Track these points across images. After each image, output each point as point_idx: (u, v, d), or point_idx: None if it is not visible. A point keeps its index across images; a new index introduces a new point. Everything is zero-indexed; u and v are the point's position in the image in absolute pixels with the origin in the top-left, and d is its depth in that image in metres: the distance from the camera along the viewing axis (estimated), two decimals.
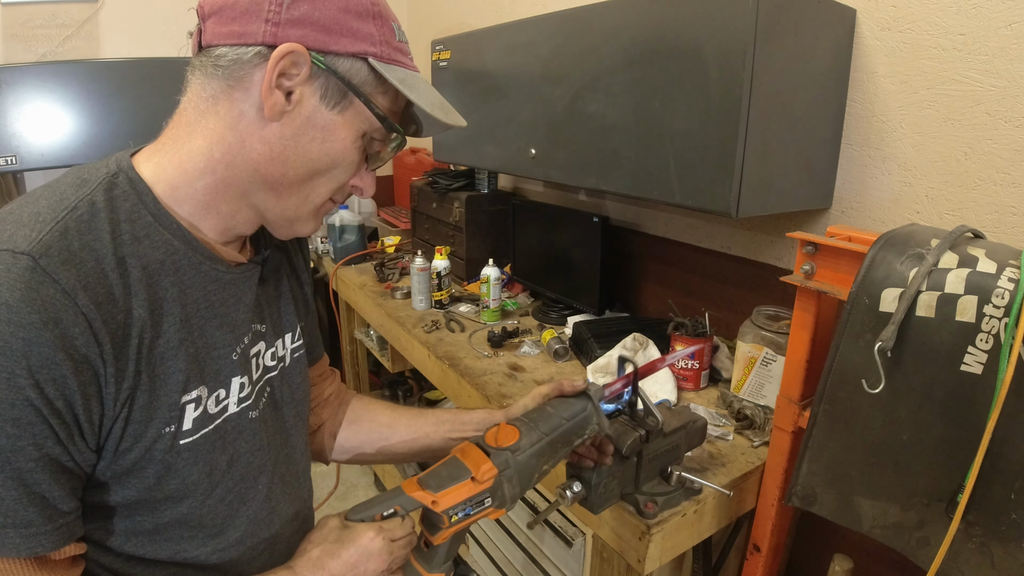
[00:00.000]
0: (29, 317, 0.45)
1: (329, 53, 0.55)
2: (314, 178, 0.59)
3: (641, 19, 1.16)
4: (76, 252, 0.49)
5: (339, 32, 0.54)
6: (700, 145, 1.09)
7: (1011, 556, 0.72)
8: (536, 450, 0.75)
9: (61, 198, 0.52)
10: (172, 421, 0.56)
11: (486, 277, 1.81)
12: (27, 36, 2.29)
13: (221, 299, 0.62)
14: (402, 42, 0.60)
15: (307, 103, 0.56)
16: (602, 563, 1.13)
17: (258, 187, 0.58)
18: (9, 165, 2.10)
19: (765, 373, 1.25)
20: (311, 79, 0.55)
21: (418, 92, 0.59)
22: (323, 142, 0.57)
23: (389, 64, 0.58)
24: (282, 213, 0.61)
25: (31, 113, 2.10)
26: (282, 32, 0.53)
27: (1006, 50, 1.00)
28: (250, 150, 0.56)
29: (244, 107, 0.55)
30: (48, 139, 2.14)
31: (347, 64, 0.56)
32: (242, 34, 0.53)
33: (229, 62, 0.54)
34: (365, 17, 0.56)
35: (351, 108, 0.57)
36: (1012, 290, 0.68)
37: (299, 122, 0.56)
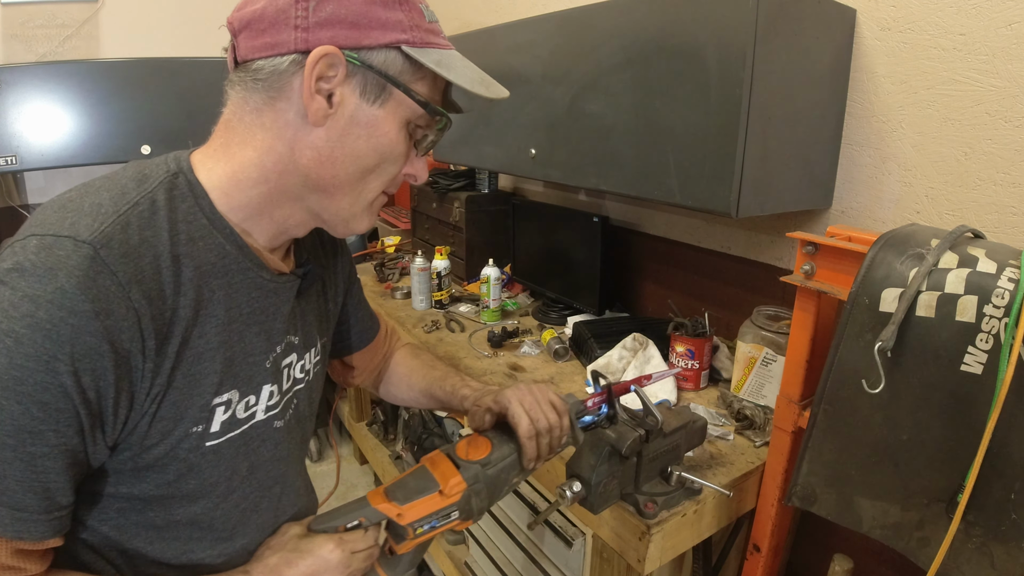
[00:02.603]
0: (83, 305, 0.46)
1: (362, 48, 0.54)
2: (365, 175, 0.60)
3: (641, 19, 1.16)
4: (135, 247, 0.50)
5: (368, 25, 0.54)
6: (700, 145, 1.09)
7: (1011, 556, 0.72)
8: (507, 464, 0.74)
9: (123, 192, 0.53)
10: (201, 421, 0.57)
11: (486, 277, 1.81)
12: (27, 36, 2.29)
13: (262, 306, 0.62)
14: (433, 22, 0.59)
15: (348, 102, 0.56)
16: (602, 563, 1.13)
17: (311, 191, 0.59)
18: (9, 165, 2.10)
19: (765, 373, 1.25)
20: (348, 78, 0.55)
21: (456, 71, 0.58)
22: (369, 138, 0.57)
23: (423, 48, 0.57)
24: (337, 213, 0.61)
25: (31, 113, 2.10)
26: (313, 36, 0.53)
27: (1006, 50, 1.00)
28: (300, 157, 0.57)
29: (289, 116, 0.56)
30: (48, 139, 2.14)
31: (381, 56, 0.55)
32: (275, 45, 0.54)
33: (267, 74, 0.55)
34: (391, 5, 0.55)
35: (392, 99, 0.57)
36: (1012, 290, 0.68)
37: (343, 123, 0.56)
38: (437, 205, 2.23)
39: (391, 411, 2.49)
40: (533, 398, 0.78)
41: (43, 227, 0.48)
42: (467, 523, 0.73)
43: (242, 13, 0.56)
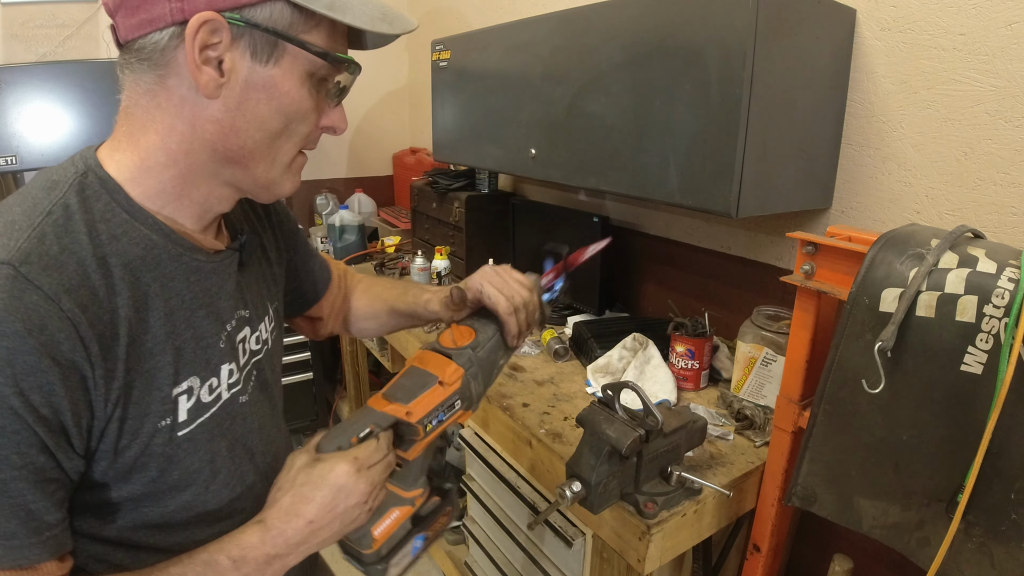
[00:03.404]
0: (13, 326, 0.44)
1: (243, 6, 0.50)
2: (275, 140, 0.57)
3: (641, 19, 1.16)
4: (56, 256, 0.48)
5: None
6: (700, 145, 1.09)
7: (1011, 556, 0.72)
8: (494, 344, 0.75)
9: (34, 204, 0.51)
10: (167, 414, 0.56)
11: None
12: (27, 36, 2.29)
13: (204, 289, 0.61)
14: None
15: (240, 67, 0.52)
16: (602, 563, 1.13)
17: (222, 164, 0.57)
18: (9, 165, 2.10)
19: (765, 373, 1.25)
20: (235, 41, 0.51)
21: (352, 11, 0.53)
22: (270, 101, 0.54)
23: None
24: (255, 182, 0.59)
25: (31, 113, 2.10)
26: (188, 4, 0.49)
27: (1006, 50, 1.00)
28: (202, 132, 0.54)
29: (182, 92, 0.52)
30: (48, 139, 2.14)
31: (266, 11, 0.51)
32: (151, 20, 0.50)
33: (149, 52, 0.51)
34: None
35: (286, 56, 0.53)
36: (1012, 290, 0.68)
37: (239, 89, 0.53)
38: (437, 205, 2.23)
39: None
40: (501, 278, 0.79)
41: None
42: (468, 414, 0.73)
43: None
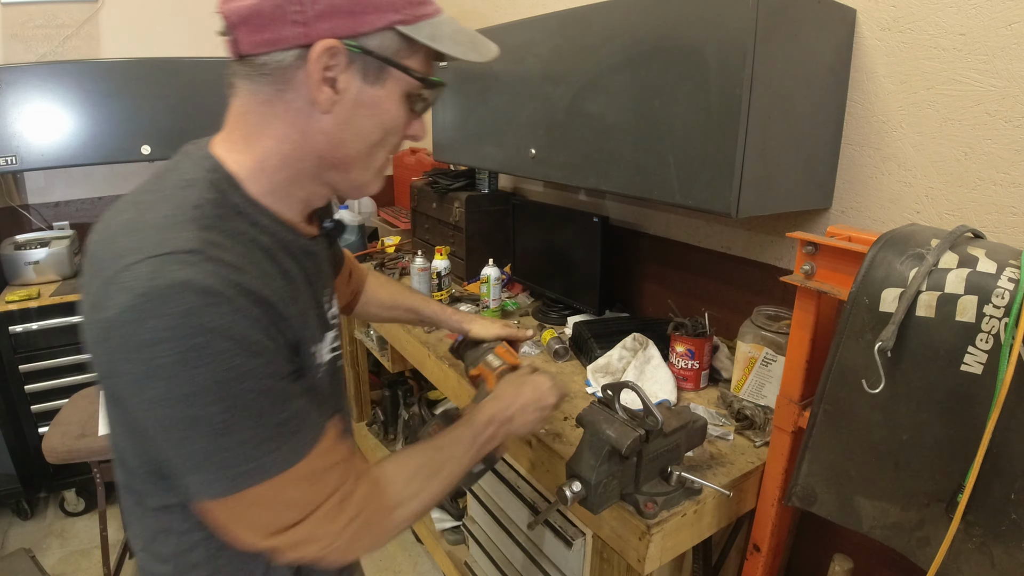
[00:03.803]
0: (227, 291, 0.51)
1: (360, 35, 0.57)
2: (373, 149, 0.65)
3: (641, 19, 1.16)
4: (223, 241, 0.55)
5: (363, 11, 0.57)
6: (700, 145, 1.09)
7: (1011, 556, 0.72)
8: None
9: (181, 201, 0.56)
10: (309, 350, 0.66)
11: (486, 277, 1.81)
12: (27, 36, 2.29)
13: (313, 268, 0.69)
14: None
15: (352, 87, 0.59)
16: (602, 563, 1.13)
17: (326, 169, 0.64)
18: (9, 165, 2.11)
19: (765, 373, 1.25)
20: (350, 64, 0.58)
21: (448, 41, 0.62)
22: (373, 117, 0.62)
23: (416, 23, 0.60)
24: (351, 184, 0.67)
25: (31, 113, 2.10)
26: (312, 30, 0.56)
27: (1006, 50, 1.00)
28: (312, 141, 0.61)
29: (298, 105, 0.59)
30: (48, 139, 2.14)
31: (377, 40, 0.59)
32: (276, 40, 0.56)
33: (272, 69, 0.58)
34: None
35: (391, 78, 0.61)
36: (1012, 290, 0.68)
37: (349, 106, 0.60)
38: (437, 205, 2.23)
39: (391, 411, 2.49)
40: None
41: (137, 253, 0.51)
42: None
43: (236, 7, 0.57)
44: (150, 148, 2.31)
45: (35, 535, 2.19)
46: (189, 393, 0.50)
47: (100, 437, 1.61)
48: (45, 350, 2.10)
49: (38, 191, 2.46)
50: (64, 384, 2.13)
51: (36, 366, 2.10)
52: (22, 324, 2.05)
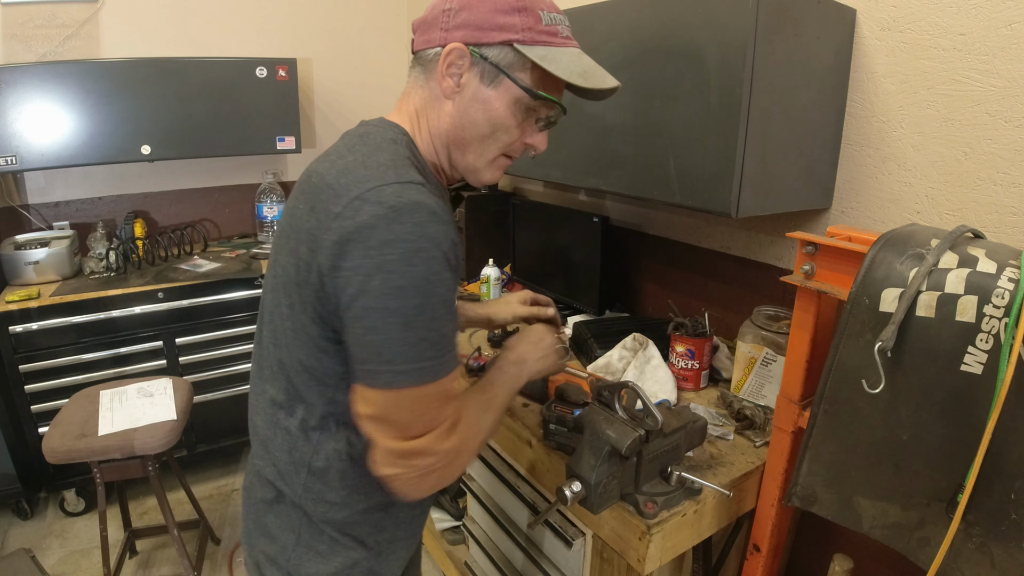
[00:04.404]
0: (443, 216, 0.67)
1: (482, 45, 0.74)
2: (484, 140, 0.79)
3: (641, 19, 1.16)
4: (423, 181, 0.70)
5: (489, 28, 0.73)
6: (700, 145, 1.09)
7: (1011, 556, 0.72)
8: None
9: (394, 152, 0.73)
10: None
11: (486, 277, 1.81)
12: (27, 36, 2.28)
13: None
14: (551, 24, 0.76)
15: (471, 84, 0.76)
16: (602, 563, 1.13)
17: (450, 147, 0.81)
18: (9, 165, 2.10)
19: (765, 373, 1.25)
20: (472, 66, 0.75)
21: (558, 64, 0.75)
22: (484, 112, 0.77)
23: (531, 45, 0.74)
24: (467, 166, 0.82)
25: (31, 113, 2.10)
26: (450, 35, 0.74)
27: (1006, 50, 1.00)
28: (442, 121, 0.79)
29: (436, 92, 0.78)
30: (48, 139, 2.14)
31: (495, 51, 0.74)
32: (430, 40, 0.76)
33: (425, 61, 0.78)
34: (510, 12, 0.73)
35: (502, 84, 0.75)
36: (1012, 290, 0.68)
37: (467, 99, 0.77)
38: None
39: None
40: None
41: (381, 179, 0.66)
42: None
43: (419, 18, 0.78)
44: (150, 148, 2.31)
45: (35, 535, 2.19)
46: (401, 286, 0.63)
47: (100, 437, 1.61)
48: (45, 350, 2.10)
49: (38, 191, 2.46)
50: (64, 384, 2.13)
51: (36, 366, 2.10)
52: (22, 324, 2.05)
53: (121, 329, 2.20)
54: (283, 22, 2.72)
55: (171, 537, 1.77)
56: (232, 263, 2.46)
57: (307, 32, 2.78)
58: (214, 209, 2.81)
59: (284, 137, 2.55)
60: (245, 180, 2.82)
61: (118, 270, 2.32)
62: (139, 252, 2.39)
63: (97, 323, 2.15)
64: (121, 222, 2.52)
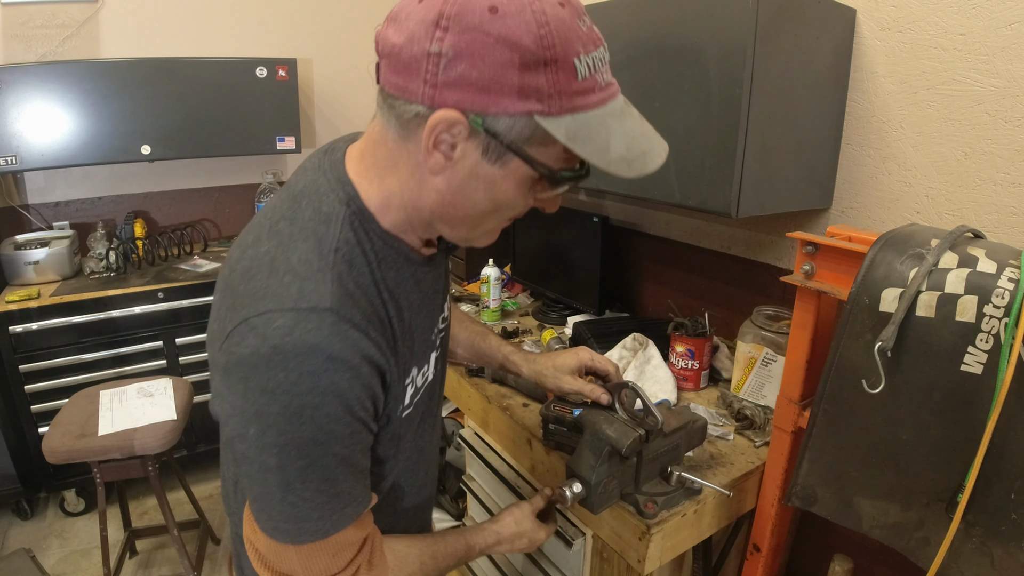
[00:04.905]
0: (351, 361, 0.55)
1: (489, 114, 0.52)
2: (482, 217, 0.61)
3: (641, 19, 1.16)
4: (354, 293, 0.58)
5: (499, 91, 0.50)
6: (700, 145, 1.09)
7: (1011, 556, 0.72)
8: None
9: (319, 240, 0.58)
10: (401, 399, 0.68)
11: (486, 277, 1.81)
12: (27, 36, 2.28)
13: (427, 292, 0.71)
14: (589, 76, 0.53)
15: (469, 158, 0.55)
16: (602, 563, 1.13)
17: (438, 221, 0.63)
18: (9, 165, 2.11)
19: (765, 373, 1.25)
20: (471, 137, 0.53)
21: (594, 143, 0.53)
22: (487, 192, 0.58)
23: (559, 116, 0.52)
24: (457, 237, 0.66)
25: (31, 113, 2.10)
26: (440, 95, 0.51)
27: (1006, 50, 1.00)
28: (426, 195, 0.59)
29: (418, 158, 0.56)
30: (48, 139, 2.14)
31: (508, 123, 0.52)
32: (406, 89, 0.52)
33: (399, 115, 0.55)
34: (534, 67, 0.50)
35: (513, 162, 0.55)
36: (1012, 290, 0.68)
37: (463, 175, 0.56)
38: None
39: None
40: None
41: (277, 300, 0.54)
42: None
43: (387, 37, 0.53)
44: (150, 148, 2.31)
45: (35, 535, 2.19)
46: (281, 444, 0.54)
47: (100, 437, 1.61)
48: (45, 350, 2.10)
49: (38, 191, 2.46)
50: (64, 384, 2.13)
51: (36, 366, 2.10)
52: (22, 324, 2.05)
53: (121, 329, 2.20)
54: (283, 22, 2.72)
55: (171, 537, 1.77)
56: None
57: (307, 32, 2.78)
58: (214, 209, 2.81)
59: (284, 137, 2.56)
60: (245, 180, 2.82)
61: (118, 270, 2.32)
62: (139, 252, 2.39)
63: (97, 323, 2.15)
64: (121, 222, 2.52)
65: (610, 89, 0.56)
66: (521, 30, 0.49)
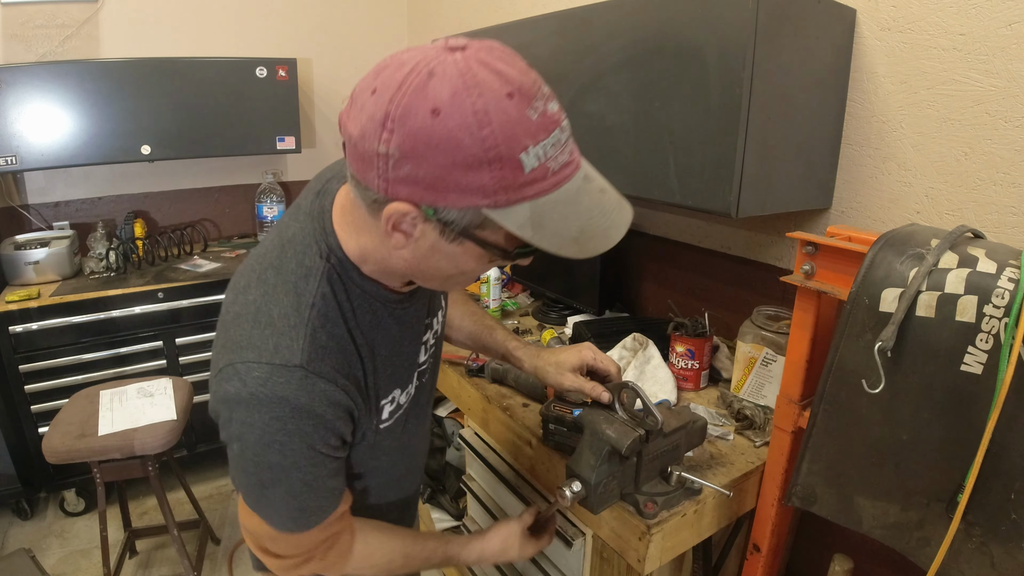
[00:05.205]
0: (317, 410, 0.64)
1: (439, 207, 0.54)
2: (451, 279, 0.66)
3: (641, 19, 1.16)
4: (326, 345, 0.65)
5: (445, 188, 0.52)
6: (700, 145, 1.09)
7: (1011, 556, 0.72)
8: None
9: (299, 296, 0.65)
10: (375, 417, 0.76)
11: (486, 277, 1.81)
12: (27, 36, 2.28)
13: (412, 323, 0.78)
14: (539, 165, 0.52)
15: (428, 236, 0.58)
16: (602, 563, 1.13)
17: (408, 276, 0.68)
18: (9, 165, 2.11)
19: (765, 373, 1.25)
20: (426, 222, 0.56)
21: (544, 229, 0.54)
22: (449, 262, 0.61)
23: (507, 208, 0.53)
24: (433, 287, 0.73)
25: (31, 113, 2.10)
26: (392, 189, 0.53)
27: (1006, 50, 1.00)
28: (394, 261, 0.64)
29: (383, 230, 0.58)
30: (48, 139, 2.14)
31: (458, 213, 0.54)
32: (365, 177, 0.55)
33: (362, 194, 0.58)
34: (477, 166, 0.51)
35: (469, 242, 0.57)
36: (1012, 290, 0.68)
37: (424, 249, 0.59)
38: None
39: None
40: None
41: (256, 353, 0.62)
42: None
43: (346, 121, 0.56)
44: (150, 148, 2.31)
45: (35, 535, 2.19)
46: (256, 462, 0.65)
47: (100, 437, 1.61)
48: (45, 350, 2.10)
49: (38, 191, 2.46)
50: (64, 384, 2.13)
51: (36, 366, 2.10)
52: (22, 324, 2.05)
53: (121, 329, 2.20)
54: (283, 22, 2.73)
55: (171, 537, 1.77)
56: (232, 263, 2.46)
57: (307, 32, 2.78)
58: (214, 209, 2.81)
59: (284, 137, 2.56)
60: (245, 180, 2.82)
61: (118, 270, 2.32)
62: (139, 252, 2.39)
63: (97, 323, 2.15)
64: (121, 222, 2.52)
65: (565, 171, 0.55)
66: (462, 133, 0.49)
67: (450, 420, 2.06)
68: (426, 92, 0.50)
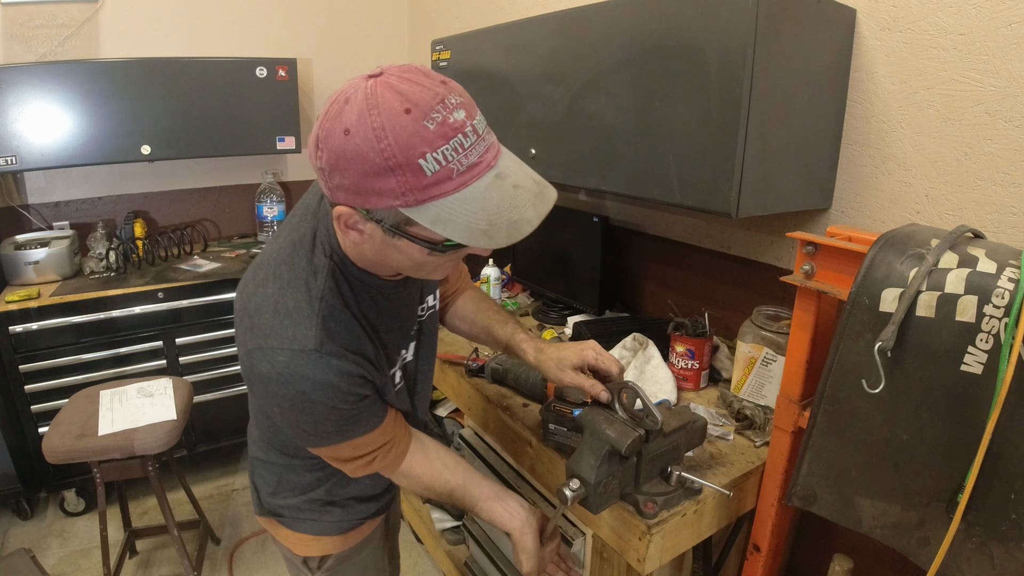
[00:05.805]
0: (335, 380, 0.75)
1: (368, 208, 0.65)
2: (415, 268, 0.75)
3: (641, 19, 1.16)
4: (335, 330, 0.76)
5: (366, 193, 0.62)
6: (700, 145, 1.09)
7: (1011, 556, 0.72)
8: None
9: (309, 290, 0.76)
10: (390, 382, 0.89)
11: (486, 277, 1.81)
12: (27, 36, 2.28)
13: (406, 302, 0.90)
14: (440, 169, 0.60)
15: (376, 234, 0.69)
16: (602, 563, 1.13)
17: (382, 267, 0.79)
18: (9, 165, 2.11)
19: (765, 373, 1.25)
20: (368, 220, 0.67)
21: (454, 224, 0.62)
22: (399, 255, 0.71)
23: (419, 206, 0.62)
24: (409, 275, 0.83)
25: (31, 113, 2.10)
26: (334, 195, 0.66)
27: (1006, 50, 1.00)
28: (364, 258, 0.77)
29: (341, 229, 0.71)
30: (48, 139, 2.14)
31: (384, 212, 0.65)
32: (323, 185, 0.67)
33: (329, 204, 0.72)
34: (383, 174, 0.60)
35: (404, 237, 0.67)
36: (1012, 290, 0.68)
37: (378, 244, 0.70)
38: None
39: None
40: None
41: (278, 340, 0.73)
42: None
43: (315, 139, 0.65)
44: (150, 148, 2.31)
45: (35, 535, 2.19)
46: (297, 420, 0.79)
47: (100, 437, 1.61)
48: (45, 350, 2.10)
49: (38, 191, 2.46)
50: (64, 384, 2.13)
51: (36, 366, 2.10)
52: (22, 324, 2.05)
53: (121, 329, 2.20)
54: (283, 22, 2.73)
55: (171, 537, 1.77)
56: (232, 263, 2.46)
57: (307, 32, 2.78)
58: (214, 209, 2.81)
59: (284, 137, 2.56)
60: (245, 180, 2.82)
61: (118, 270, 2.32)
62: (139, 252, 2.39)
63: (97, 323, 2.15)
64: (121, 222, 2.52)
65: (473, 171, 0.63)
66: (366, 147, 0.60)
67: (450, 420, 2.06)
68: (342, 116, 0.61)
